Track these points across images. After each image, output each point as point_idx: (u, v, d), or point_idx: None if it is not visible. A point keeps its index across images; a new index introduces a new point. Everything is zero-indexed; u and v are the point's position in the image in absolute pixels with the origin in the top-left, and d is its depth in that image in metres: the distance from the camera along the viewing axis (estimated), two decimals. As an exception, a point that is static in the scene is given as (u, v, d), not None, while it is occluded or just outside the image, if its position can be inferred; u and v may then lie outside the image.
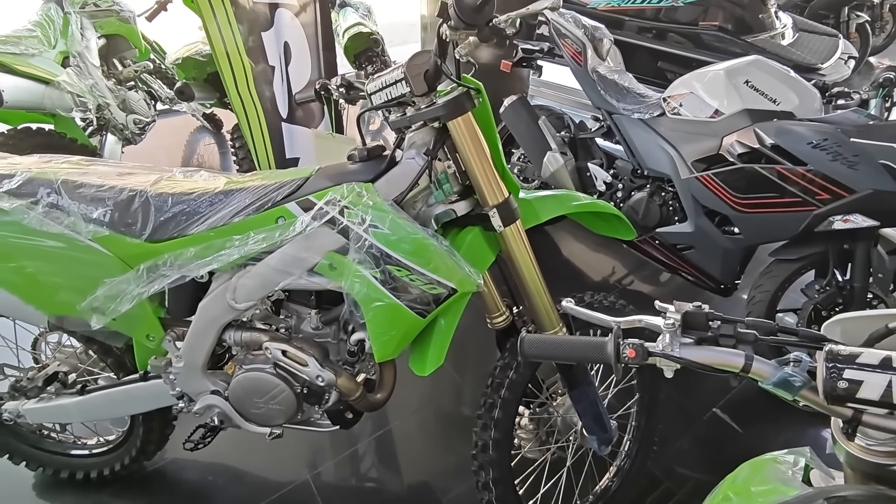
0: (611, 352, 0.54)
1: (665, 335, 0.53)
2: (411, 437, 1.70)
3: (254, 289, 1.06)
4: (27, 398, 1.29)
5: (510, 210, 1.00)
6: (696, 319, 0.54)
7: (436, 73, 0.89)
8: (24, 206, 1.03)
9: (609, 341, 0.55)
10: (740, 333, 0.52)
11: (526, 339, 0.60)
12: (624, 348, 0.53)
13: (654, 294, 2.41)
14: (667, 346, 0.52)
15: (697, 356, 0.51)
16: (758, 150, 1.67)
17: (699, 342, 0.53)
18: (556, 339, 0.58)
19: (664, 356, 0.52)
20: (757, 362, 0.50)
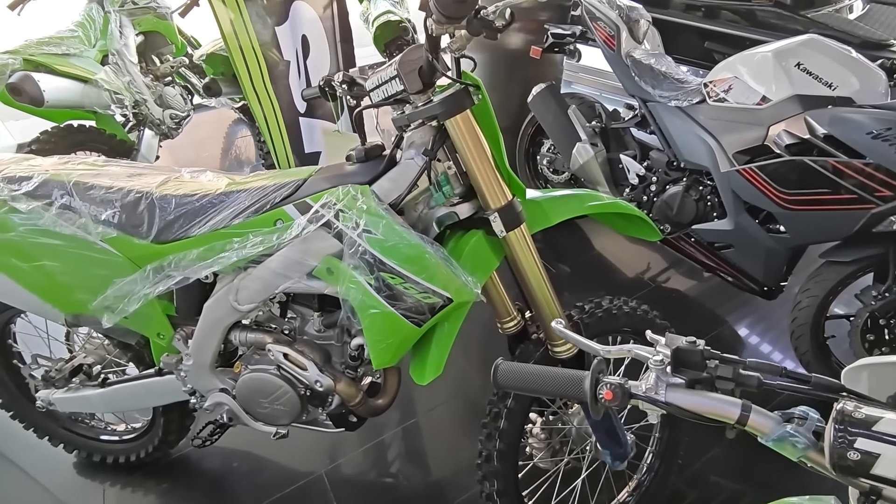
0: (587, 389, 0.48)
1: (650, 374, 0.47)
2: (427, 435, 1.69)
3: (255, 291, 1.06)
4: (56, 388, 1.36)
5: (513, 214, 0.94)
6: (689, 357, 0.46)
7: (430, 69, 0.84)
8: (39, 207, 1.06)
9: (586, 378, 0.48)
10: (741, 376, 0.45)
11: (500, 367, 0.54)
12: (601, 388, 0.46)
13: (691, 293, 2.27)
14: (650, 388, 0.45)
15: (686, 402, 0.44)
16: (809, 140, 1.51)
17: (691, 384, 0.46)
18: (532, 371, 0.53)
19: (647, 399, 0.45)
20: (756, 414, 0.42)
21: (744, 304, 2.15)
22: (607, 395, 0.46)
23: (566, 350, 1.07)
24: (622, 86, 2.07)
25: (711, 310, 2.16)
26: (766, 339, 1.99)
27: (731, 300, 2.18)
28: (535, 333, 1.19)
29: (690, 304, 2.21)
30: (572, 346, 1.07)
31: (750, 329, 2.04)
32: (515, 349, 1.23)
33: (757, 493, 1.39)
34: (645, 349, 0.52)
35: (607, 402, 0.46)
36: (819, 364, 1.66)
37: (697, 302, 2.21)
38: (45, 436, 1.57)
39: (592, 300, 1.23)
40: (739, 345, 2.00)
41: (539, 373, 0.53)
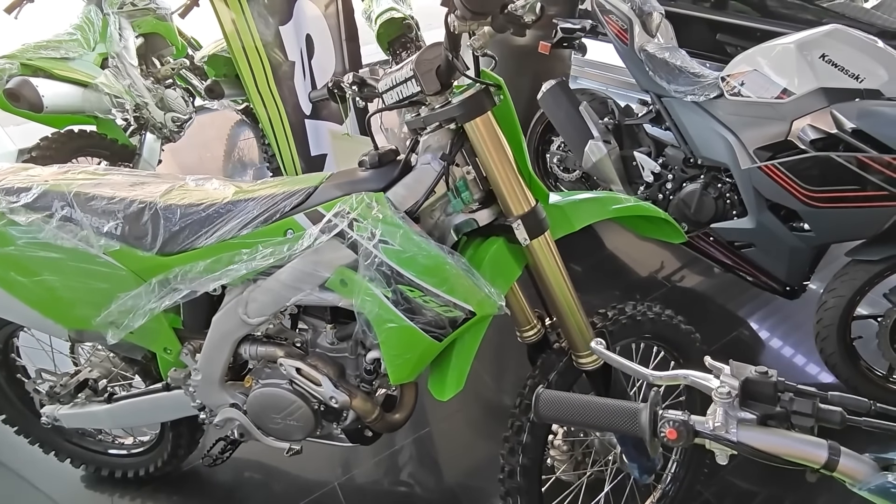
0: (645, 426, 0.43)
1: (718, 410, 0.41)
2: (441, 445, 1.64)
3: (265, 304, 1.01)
4: (61, 404, 1.32)
5: (537, 220, 0.89)
6: (760, 389, 0.41)
7: (448, 69, 0.78)
8: (39, 219, 1.02)
9: (644, 410, 0.43)
10: (821, 412, 0.40)
11: (542, 396, 0.50)
12: (663, 425, 0.41)
13: (708, 292, 2.21)
14: (720, 426, 0.40)
15: (762, 442, 0.39)
16: (835, 135, 1.45)
17: (763, 420, 0.41)
18: (579, 401, 0.48)
19: (717, 439, 0.40)
20: (846, 458, 0.37)
21: (763, 304, 2.09)
22: (671, 434, 0.41)
23: (592, 361, 1.02)
24: (636, 81, 2.01)
25: (730, 310, 2.11)
26: (788, 341, 1.93)
27: (750, 300, 2.12)
28: (556, 342, 1.14)
29: (708, 304, 2.15)
30: (598, 358, 1.02)
31: (771, 331, 1.99)
32: (536, 358, 1.18)
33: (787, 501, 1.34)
34: (703, 377, 0.47)
35: (670, 441, 0.41)
36: (846, 366, 1.60)
37: (715, 302, 2.16)
38: (52, 451, 1.53)
39: (615, 306, 1.18)
40: (761, 347, 1.94)
41: (586, 404, 0.48)
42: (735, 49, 2.76)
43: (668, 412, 0.43)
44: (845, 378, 1.62)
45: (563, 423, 0.48)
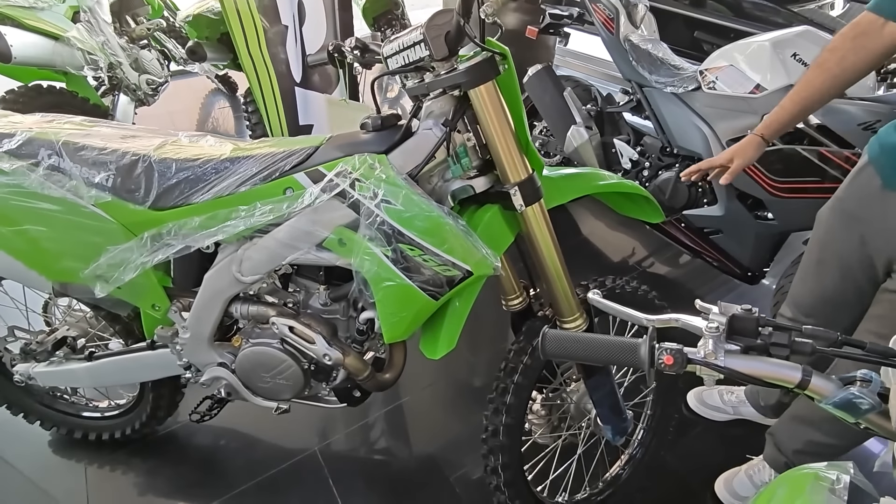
0: (644, 356, 0.48)
1: (708, 341, 0.47)
2: (421, 413, 1.69)
3: (260, 262, 1.02)
4: (37, 361, 1.29)
5: (533, 188, 0.93)
6: (744, 324, 0.47)
7: (458, 35, 0.81)
8: (24, 167, 0.99)
9: (643, 344, 0.49)
10: (796, 343, 0.46)
11: (548, 335, 0.54)
12: (661, 353, 0.47)
13: (675, 277, 2.33)
14: (710, 354, 0.46)
15: (746, 367, 0.45)
16: (801, 129, 1.55)
17: (746, 350, 0.47)
18: (581, 338, 0.52)
19: (706, 364, 0.46)
20: (817, 378, 0.43)
21: (724, 289, 2.22)
22: (667, 360, 0.46)
23: (576, 327, 1.08)
24: (619, 70, 2.08)
25: (695, 293, 2.23)
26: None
27: (713, 285, 2.25)
28: (541, 310, 1.19)
29: (675, 287, 2.27)
30: (582, 323, 1.08)
31: (731, 312, 2.11)
32: (520, 326, 1.23)
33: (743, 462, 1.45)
34: (692, 318, 0.53)
35: (666, 367, 0.46)
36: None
37: (681, 285, 2.28)
38: (20, 412, 1.50)
39: (596, 279, 1.25)
40: (721, 327, 2.07)
41: (589, 340, 0.52)
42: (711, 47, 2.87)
43: (666, 343, 0.48)
44: (796, 357, 1.75)
45: (568, 358, 0.53)
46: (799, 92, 1.14)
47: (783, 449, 1.26)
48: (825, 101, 1.13)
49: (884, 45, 0.98)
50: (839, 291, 1.10)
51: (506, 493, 1.16)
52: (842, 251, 1.09)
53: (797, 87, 1.14)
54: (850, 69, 1.04)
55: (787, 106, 1.17)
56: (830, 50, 1.06)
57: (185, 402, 1.50)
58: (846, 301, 1.10)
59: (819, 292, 1.15)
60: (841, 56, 1.04)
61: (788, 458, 1.24)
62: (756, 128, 1.25)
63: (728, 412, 1.64)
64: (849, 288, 1.09)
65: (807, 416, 1.18)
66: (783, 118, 1.19)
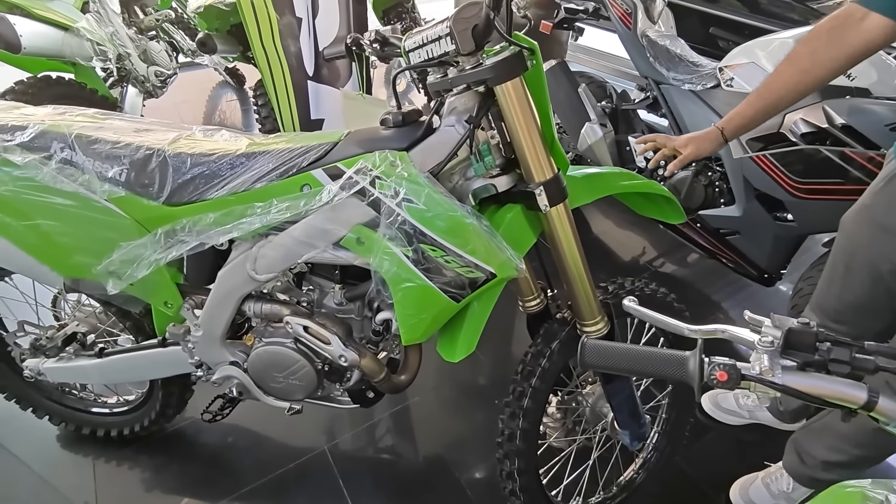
0: (694, 371, 0.45)
1: (762, 356, 0.44)
2: (431, 413, 1.67)
3: (275, 260, 1.00)
4: (46, 357, 1.27)
5: (559, 188, 0.90)
6: (801, 339, 0.45)
7: (486, 28, 0.78)
8: (37, 160, 0.97)
9: (691, 357, 0.46)
10: (857, 360, 0.43)
11: (587, 346, 0.51)
12: (712, 369, 0.44)
13: (688, 277, 2.30)
14: (766, 370, 0.43)
15: (805, 385, 0.42)
16: (825, 129, 1.51)
17: (802, 367, 0.44)
18: (623, 350, 0.50)
19: (762, 381, 0.43)
20: (885, 399, 0.41)
21: (738, 290, 2.19)
22: (720, 376, 0.43)
23: (597, 330, 1.05)
24: (635, 66, 2.04)
25: (707, 295, 2.20)
26: (762, 324, 2.03)
27: (727, 286, 2.22)
28: (559, 312, 1.17)
29: (687, 288, 2.24)
30: (604, 327, 1.06)
31: (746, 315, 2.08)
32: (537, 328, 1.21)
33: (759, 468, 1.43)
34: (740, 330, 0.50)
35: (719, 383, 0.44)
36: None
37: (694, 287, 2.25)
38: (29, 407, 1.49)
39: (615, 281, 1.22)
40: (735, 330, 2.04)
41: (632, 352, 0.50)
42: (727, 43, 2.83)
43: (717, 358, 0.45)
44: (813, 361, 1.72)
45: (607, 370, 0.50)
46: (766, 86, 1.05)
47: (808, 459, 1.23)
48: (794, 99, 1.04)
49: (860, 39, 0.90)
50: (870, 298, 1.07)
51: (521, 498, 1.14)
52: (872, 259, 1.05)
53: (765, 81, 1.06)
54: (822, 64, 0.95)
55: (752, 101, 1.09)
56: (804, 42, 0.98)
57: (195, 399, 1.48)
58: (877, 307, 1.07)
59: (849, 299, 1.12)
60: (812, 49, 0.95)
61: (814, 469, 1.21)
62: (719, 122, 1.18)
63: (744, 416, 1.61)
64: (881, 294, 1.05)
65: (838, 425, 1.15)
66: (746, 114, 1.11)
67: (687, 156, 1.21)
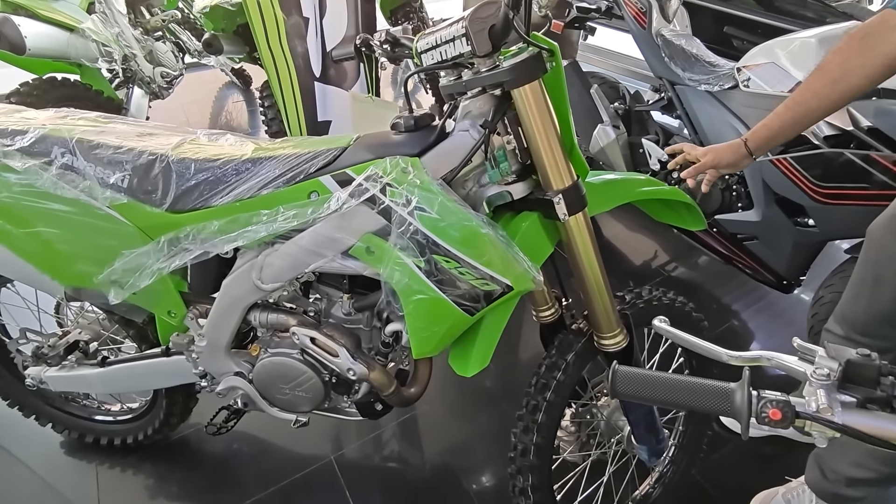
0: (742, 406, 0.41)
1: (819, 391, 0.40)
2: (440, 422, 1.63)
3: (282, 269, 0.96)
4: (48, 366, 1.25)
5: (578, 197, 0.86)
6: (861, 372, 0.40)
7: (504, 28, 0.74)
8: (37, 166, 0.94)
9: (738, 390, 0.42)
10: (927, 397, 0.39)
11: (619, 373, 0.47)
12: (764, 405, 0.40)
13: (702, 284, 2.24)
14: (824, 407, 0.39)
15: (870, 426, 0.38)
16: (850, 132, 1.46)
17: (863, 403, 0.40)
18: (659, 379, 0.46)
19: (821, 421, 0.39)
20: (962, 445, 0.36)
21: (754, 296, 2.13)
22: (774, 414, 0.39)
23: (616, 343, 1.01)
24: (649, 66, 1.99)
25: (722, 301, 2.14)
26: (781, 334, 1.98)
27: (741, 291, 2.16)
28: (574, 323, 1.12)
29: (701, 294, 2.19)
30: (622, 340, 1.01)
31: (764, 323, 2.03)
32: (551, 339, 1.17)
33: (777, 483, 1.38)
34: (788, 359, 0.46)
35: (772, 422, 0.39)
36: None
37: (709, 293, 2.19)
38: (32, 414, 1.46)
39: (632, 289, 1.18)
40: (752, 339, 1.99)
41: (669, 382, 0.46)
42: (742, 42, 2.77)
43: (766, 392, 0.41)
44: (834, 371, 1.67)
45: (641, 400, 0.46)
46: (795, 98, 0.99)
47: (831, 475, 1.18)
48: (825, 111, 0.98)
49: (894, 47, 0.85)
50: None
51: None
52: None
53: (794, 93, 1.00)
54: (854, 73, 0.90)
55: (780, 113, 1.02)
56: (835, 51, 0.93)
57: (199, 407, 1.45)
58: None
59: (878, 311, 1.07)
60: (844, 57, 0.91)
61: (837, 485, 1.16)
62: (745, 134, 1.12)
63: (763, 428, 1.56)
64: None
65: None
66: (773, 126, 1.04)
67: (704, 164, 1.16)
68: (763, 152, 1.10)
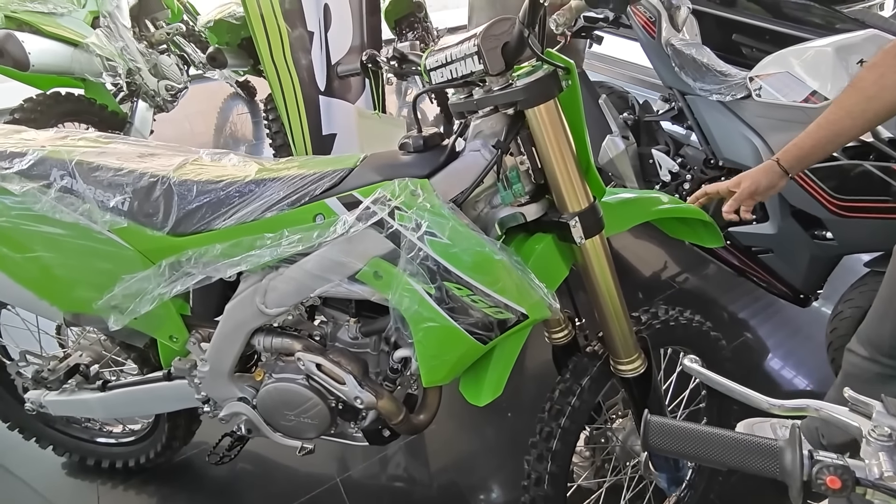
0: (794, 469, 0.37)
1: (881, 454, 0.36)
2: (447, 443, 1.59)
3: (287, 293, 0.93)
4: (48, 389, 1.22)
5: (595, 219, 0.82)
6: (926, 431, 0.36)
7: (518, 46, 0.71)
8: (35, 189, 0.91)
9: (788, 450, 0.38)
10: None
11: (652, 424, 0.44)
12: (820, 471, 0.36)
13: (715, 296, 2.19)
14: (889, 476, 0.35)
15: (942, 497, 0.34)
16: (870, 144, 1.42)
17: (930, 466, 0.36)
18: (697, 432, 0.42)
19: (884, 490, 0.35)
20: None
21: (769, 310, 2.08)
22: (832, 482, 0.35)
23: (633, 369, 0.97)
24: (659, 76, 1.96)
25: (735, 314, 2.09)
26: (798, 350, 1.93)
27: (756, 305, 2.11)
28: (588, 345, 1.08)
29: (714, 307, 2.14)
30: (640, 365, 0.97)
31: (780, 338, 1.98)
32: (562, 361, 1.13)
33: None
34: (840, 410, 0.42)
35: (830, 492, 0.35)
36: None
37: (721, 305, 2.14)
38: (33, 437, 1.43)
39: (648, 310, 1.14)
40: (767, 353, 1.94)
41: (707, 436, 0.42)
42: (751, 50, 2.73)
43: (821, 454, 0.37)
44: (855, 389, 1.61)
45: (676, 455, 0.42)
46: (828, 115, 0.96)
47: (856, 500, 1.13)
48: (860, 129, 0.93)
49: None
50: None
51: (550, 547, 1.06)
52: None
53: (827, 109, 0.97)
54: (890, 90, 0.86)
55: (813, 131, 0.99)
56: (869, 67, 0.89)
57: (203, 428, 1.42)
58: None
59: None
60: (880, 73, 0.87)
61: None
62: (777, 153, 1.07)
63: None
64: None
65: None
66: (805, 145, 1.00)
67: (742, 193, 1.09)
68: (797, 171, 1.05)
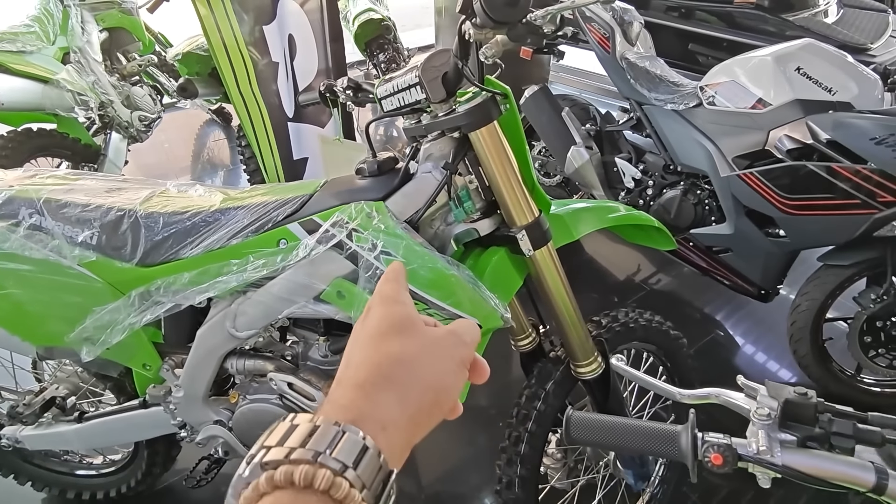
0: (686, 449, 0.42)
1: (759, 432, 0.41)
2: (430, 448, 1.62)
3: (256, 317, 0.96)
4: (24, 424, 1.22)
5: (541, 231, 0.88)
6: (799, 410, 0.41)
7: (456, 76, 0.77)
8: (4, 228, 0.94)
9: (683, 434, 0.43)
10: (861, 432, 0.40)
11: (573, 420, 0.48)
12: (707, 449, 0.41)
13: (685, 296, 2.26)
14: (764, 449, 0.40)
15: (808, 465, 0.39)
16: (811, 145, 1.50)
17: (803, 442, 0.41)
18: (611, 424, 0.46)
19: (761, 463, 0.40)
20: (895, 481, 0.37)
21: (737, 307, 2.16)
22: (716, 459, 0.40)
23: (592, 371, 1.02)
24: (617, 88, 2.05)
25: (705, 313, 2.17)
26: (762, 342, 2.00)
27: (724, 303, 2.19)
28: (552, 351, 1.13)
29: (684, 307, 2.21)
30: (598, 367, 1.02)
31: (746, 332, 2.05)
32: (530, 367, 1.17)
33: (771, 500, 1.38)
34: (735, 396, 0.47)
35: (715, 467, 0.40)
36: (818, 367, 1.67)
37: (691, 305, 2.21)
38: (10, 474, 1.42)
39: (608, 313, 1.19)
40: (736, 349, 2.00)
41: (620, 426, 0.47)
42: (706, 59, 2.86)
43: (710, 435, 0.42)
44: (817, 378, 1.68)
45: (595, 445, 0.47)
46: None
47: None
48: None
49: None
50: None
51: (525, 549, 1.09)
52: None
53: None
54: None
55: None
56: None
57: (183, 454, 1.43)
58: None
59: None
60: None
61: None
62: None
63: None
64: None
65: None
66: None
67: None
68: None
